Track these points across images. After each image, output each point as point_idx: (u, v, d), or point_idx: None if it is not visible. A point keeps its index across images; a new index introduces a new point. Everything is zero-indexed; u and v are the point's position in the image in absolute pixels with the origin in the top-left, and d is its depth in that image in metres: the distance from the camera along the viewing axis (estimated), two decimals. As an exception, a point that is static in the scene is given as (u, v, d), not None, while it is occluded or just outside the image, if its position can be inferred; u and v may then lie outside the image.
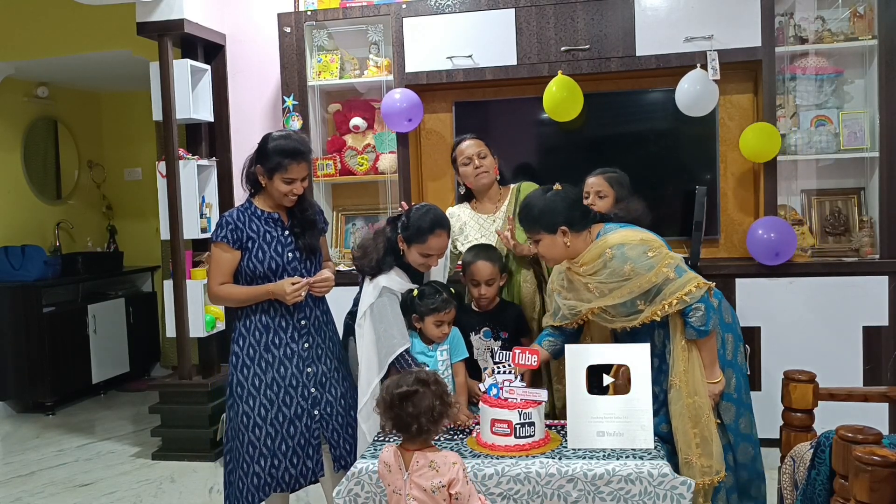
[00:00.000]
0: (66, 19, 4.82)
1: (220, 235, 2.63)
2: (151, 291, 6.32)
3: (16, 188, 5.67)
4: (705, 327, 2.38)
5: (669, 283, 2.36)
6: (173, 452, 4.17)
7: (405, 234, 2.75)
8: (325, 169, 4.13)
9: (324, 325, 2.77)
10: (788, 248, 3.54)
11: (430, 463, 1.99)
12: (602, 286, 2.42)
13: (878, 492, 1.72)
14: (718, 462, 2.42)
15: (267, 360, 2.64)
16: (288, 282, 2.59)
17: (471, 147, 3.12)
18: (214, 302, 2.81)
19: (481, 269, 2.85)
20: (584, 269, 2.46)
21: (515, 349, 2.52)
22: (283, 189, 2.62)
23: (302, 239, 2.69)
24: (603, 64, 3.76)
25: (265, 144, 2.64)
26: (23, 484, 3.94)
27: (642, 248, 2.39)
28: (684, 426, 2.40)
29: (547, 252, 2.52)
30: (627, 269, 2.37)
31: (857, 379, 3.53)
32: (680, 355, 2.42)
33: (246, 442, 2.62)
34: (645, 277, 2.36)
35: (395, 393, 2.00)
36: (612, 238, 2.44)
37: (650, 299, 2.39)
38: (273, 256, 2.64)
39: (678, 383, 2.41)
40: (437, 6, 3.89)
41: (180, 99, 4.09)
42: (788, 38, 3.76)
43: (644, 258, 2.37)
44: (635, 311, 2.42)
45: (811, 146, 3.71)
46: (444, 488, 1.96)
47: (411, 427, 1.98)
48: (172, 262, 4.14)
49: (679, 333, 2.42)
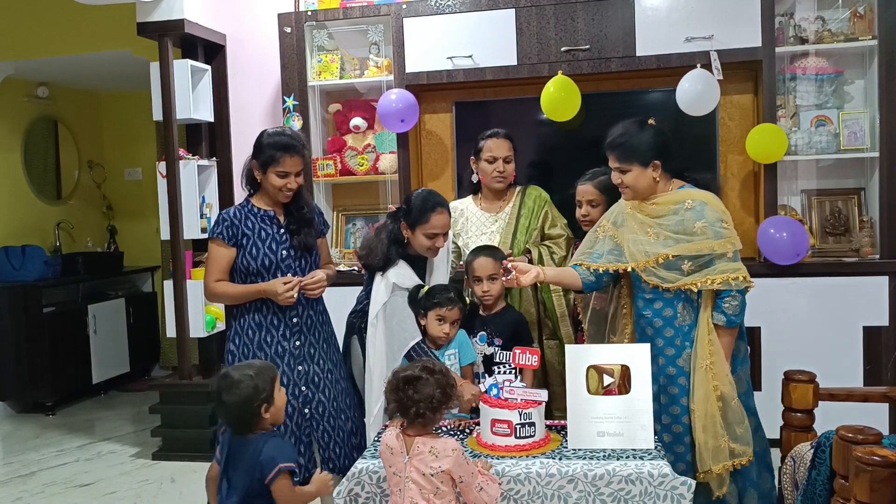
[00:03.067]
0: (66, 19, 4.83)
1: (216, 232, 2.68)
2: (151, 291, 6.32)
3: (16, 188, 5.67)
4: (736, 318, 2.40)
5: (724, 260, 2.38)
6: (174, 452, 4.17)
7: (408, 219, 2.77)
8: (325, 169, 4.13)
9: (318, 325, 2.78)
10: (804, 247, 3.56)
11: (430, 449, 2.03)
12: (664, 232, 2.43)
13: (879, 492, 1.72)
14: (746, 443, 2.42)
15: (259, 358, 2.65)
16: (280, 281, 2.61)
17: (501, 148, 3.12)
18: (210, 299, 2.84)
19: (483, 265, 2.83)
20: (655, 209, 2.48)
21: (516, 349, 2.52)
22: (278, 183, 2.65)
23: (297, 237, 2.72)
24: (603, 64, 3.76)
25: (260, 140, 2.71)
26: (23, 484, 3.94)
27: (720, 216, 2.41)
28: (712, 410, 2.39)
29: (634, 183, 2.50)
30: (699, 226, 2.39)
31: (858, 379, 3.53)
32: (706, 338, 2.41)
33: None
34: (708, 243, 2.37)
35: (401, 376, 2.07)
36: (697, 193, 2.48)
37: (699, 267, 2.39)
38: (267, 253, 2.67)
39: (706, 365, 2.40)
40: (438, 6, 3.89)
41: (180, 99, 4.09)
42: (788, 38, 3.75)
43: (718, 224, 2.39)
44: (677, 271, 2.42)
45: (811, 146, 3.71)
46: (442, 473, 2.01)
47: (410, 410, 2.04)
48: (173, 263, 4.14)
49: (708, 316, 2.42)
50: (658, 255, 2.44)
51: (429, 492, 2.02)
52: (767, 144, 3.58)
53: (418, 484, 2.03)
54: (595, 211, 2.92)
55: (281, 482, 2.08)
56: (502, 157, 3.10)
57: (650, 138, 2.50)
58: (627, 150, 2.50)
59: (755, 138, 3.60)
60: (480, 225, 3.18)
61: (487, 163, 3.12)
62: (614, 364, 2.44)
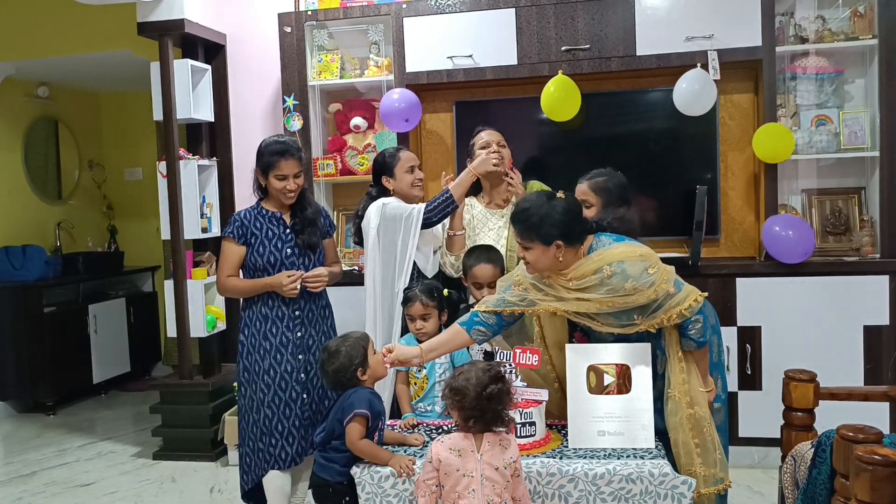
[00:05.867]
0: (66, 19, 4.83)
1: (228, 231, 2.96)
2: (152, 291, 6.32)
3: (16, 188, 5.67)
4: (703, 338, 2.35)
5: (670, 297, 2.29)
6: (174, 452, 4.18)
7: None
8: (325, 169, 4.13)
9: (319, 318, 3.01)
10: (811, 245, 3.56)
11: (500, 441, 2.12)
12: (601, 299, 2.33)
13: (879, 491, 1.72)
14: (723, 470, 2.38)
15: (265, 347, 2.90)
16: (284, 275, 2.87)
17: (492, 135, 3.21)
18: (222, 293, 3.07)
19: (484, 272, 2.88)
20: (576, 283, 2.37)
21: (516, 349, 2.51)
22: (278, 185, 2.90)
23: (301, 236, 2.96)
24: (603, 63, 3.76)
25: (259, 148, 2.97)
26: (24, 484, 3.95)
27: (643, 265, 2.30)
28: (685, 437, 2.35)
29: (535, 262, 2.38)
30: (629, 287, 2.28)
31: (858, 378, 3.53)
32: (676, 367, 2.37)
33: (251, 422, 2.91)
34: (645, 294, 2.28)
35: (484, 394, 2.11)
36: (611, 253, 2.35)
37: (648, 313, 2.31)
38: (272, 251, 2.92)
39: (677, 395, 2.36)
40: (438, 6, 3.89)
41: (181, 99, 4.09)
42: (789, 37, 3.75)
43: (645, 275, 2.28)
44: (630, 324, 2.34)
45: (812, 146, 3.71)
46: (513, 463, 2.10)
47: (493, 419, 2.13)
48: (173, 262, 4.14)
49: (675, 345, 2.38)
50: (597, 313, 2.35)
51: (500, 486, 2.07)
52: (774, 144, 3.58)
53: (492, 480, 2.07)
54: (588, 211, 2.85)
55: (353, 425, 2.29)
56: (495, 141, 3.18)
57: (556, 216, 2.34)
58: (529, 227, 2.36)
59: (761, 137, 3.60)
60: (486, 222, 3.21)
61: (483, 149, 3.15)
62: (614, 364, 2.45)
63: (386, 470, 2.25)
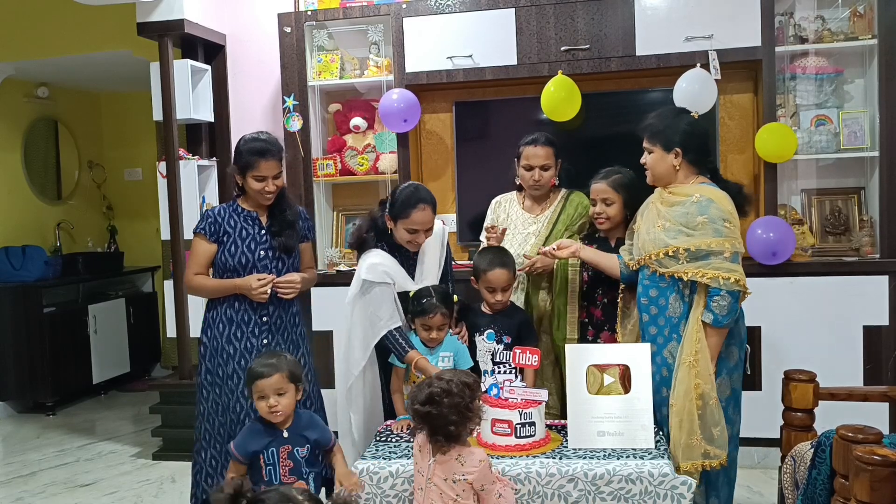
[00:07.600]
0: (66, 19, 4.82)
1: (199, 228, 2.81)
2: (152, 291, 6.32)
3: (16, 188, 5.67)
4: (723, 319, 2.36)
5: (720, 258, 2.36)
6: (174, 452, 4.17)
7: (391, 211, 2.79)
8: (325, 169, 4.13)
9: (287, 326, 2.86)
10: (786, 248, 3.53)
11: (458, 456, 2.07)
12: (669, 223, 2.45)
13: (879, 491, 1.72)
14: (721, 446, 2.39)
15: (229, 352, 2.77)
16: (254, 277, 2.73)
17: (538, 157, 3.08)
18: (188, 291, 2.96)
19: (498, 277, 2.81)
20: (670, 197, 2.51)
21: (516, 349, 2.52)
22: (256, 186, 2.75)
23: (277, 238, 2.81)
24: (603, 64, 3.76)
25: (238, 145, 2.82)
26: (24, 484, 3.95)
27: (725, 215, 2.41)
28: (690, 407, 2.37)
29: (653, 165, 2.57)
30: (700, 221, 2.39)
31: (858, 378, 3.53)
32: (694, 335, 2.39)
33: (216, 426, 2.83)
34: (705, 239, 2.38)
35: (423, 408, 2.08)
36: (709, 190, 2.47)
37: (694, 259, 2.39)
38: (245, 252, 2.77)
39: (690, 361, 2.38)
40: (437, 6, 3.89)
41: (180, 99, 4.09)
42: (788, 37, 3.75)
43: (720, 222, 2.39)
44: (674, 259, 2.43)
45: (811, 146, 3.71)
46: (465, 482, 2.04)
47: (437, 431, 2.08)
48: (173, 263, 4.14)
49: (699, 311, 2.40)
50: (660, 250, 2.45)
51: (449, 497, 2.04)
52: (777, 143, 3.57)
53: (440, 487, 2.04)
54: (610, 209, 2.90)
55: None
56: (539, 166, 3.07)
57: (681, 126, 2.53)
58: (654, 130, 2.57)
59: (764, 137, 3.60)
60: (519, 224, 3.17)
61: (525, 170, 3.11)
62: (614, 364, 2.45)
63: (386, 470, 2.25)
